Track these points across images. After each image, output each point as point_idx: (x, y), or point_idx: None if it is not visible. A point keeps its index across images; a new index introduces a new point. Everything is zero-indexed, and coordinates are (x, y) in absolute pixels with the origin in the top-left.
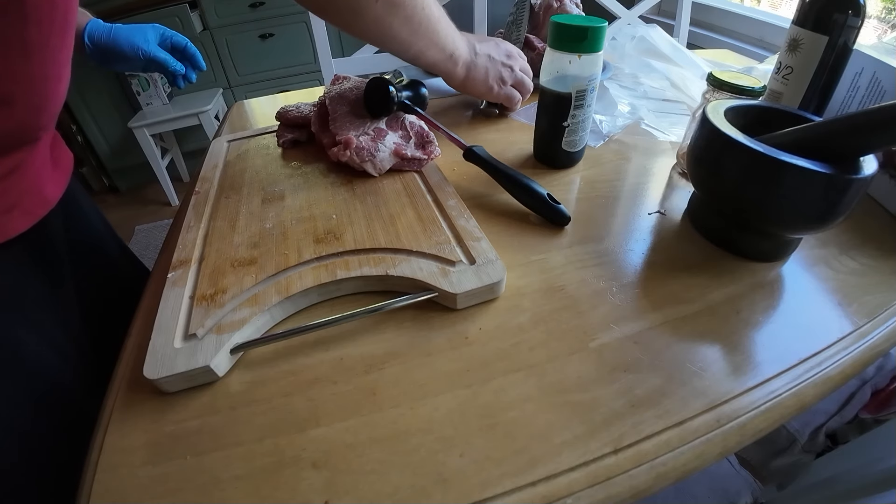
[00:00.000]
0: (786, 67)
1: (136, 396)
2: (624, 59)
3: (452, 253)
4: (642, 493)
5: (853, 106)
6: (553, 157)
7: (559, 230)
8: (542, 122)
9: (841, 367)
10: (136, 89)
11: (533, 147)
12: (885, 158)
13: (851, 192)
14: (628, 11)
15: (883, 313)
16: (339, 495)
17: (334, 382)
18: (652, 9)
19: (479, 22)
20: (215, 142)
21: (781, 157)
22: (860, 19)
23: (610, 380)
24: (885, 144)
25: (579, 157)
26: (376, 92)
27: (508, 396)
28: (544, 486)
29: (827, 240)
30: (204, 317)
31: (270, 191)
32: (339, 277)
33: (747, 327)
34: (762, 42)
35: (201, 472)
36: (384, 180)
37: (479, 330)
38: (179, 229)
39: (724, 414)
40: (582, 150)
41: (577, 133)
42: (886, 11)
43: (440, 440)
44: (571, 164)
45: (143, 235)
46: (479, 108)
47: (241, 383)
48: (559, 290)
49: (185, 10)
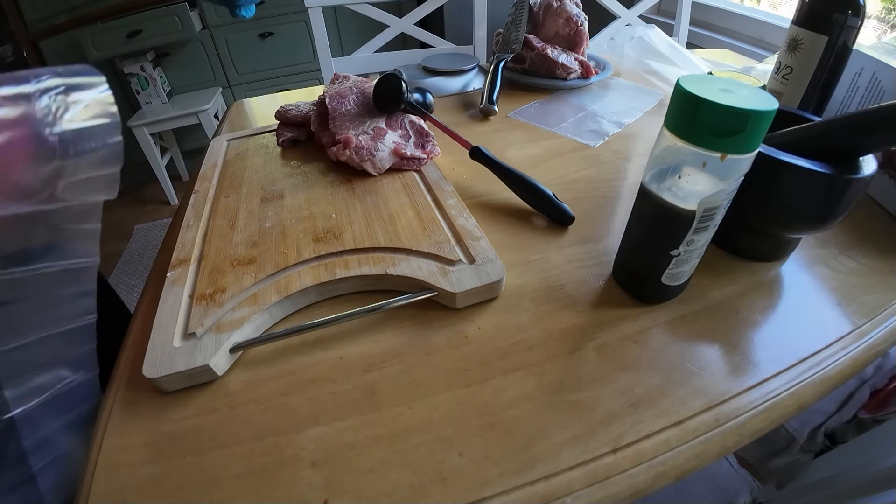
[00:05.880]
0: (785, 67)
1: (136, 395)
2: (623, 59)
3: (452, 252)
4: (641, 493)
5: (853, 106)
6: (643, 291)
7: (559, 230)
8: (635, 237)
9: (840, 367)
10: (136, 88)
11: (614, 264)
12: (884, 158)
13: (851, 192)
14: (628, 11)
15: (882, 313)
16: (339, 494)
17: (333, 382)
18: (652, 9)
19: (479, 22)
20: (215, 141)
21: (781, 156)
22: (860, 19)
23: (609, 379)
24: (884, 144)
25: (680, 291)
26: (389, 84)
27: (508, 396)
28: (543, 486)
29: (826, 240)
30: (203, 316)
31: (270, 190)
32: (339, 276)
33: (746, 327)
34: (762, 42)
35: (200, 471)
36: (383, 179)
37: (478, 329)
38: (179, 228)
39: (722, 413)
40: (687, 282)
41: (689, 262)
42: (886, 11)
43: (439, 439)
44: (665, 299)
45: (143, 234)
46: (479, 107)
47: (241, 382)
48: (558, 290)
49: (184, 8)
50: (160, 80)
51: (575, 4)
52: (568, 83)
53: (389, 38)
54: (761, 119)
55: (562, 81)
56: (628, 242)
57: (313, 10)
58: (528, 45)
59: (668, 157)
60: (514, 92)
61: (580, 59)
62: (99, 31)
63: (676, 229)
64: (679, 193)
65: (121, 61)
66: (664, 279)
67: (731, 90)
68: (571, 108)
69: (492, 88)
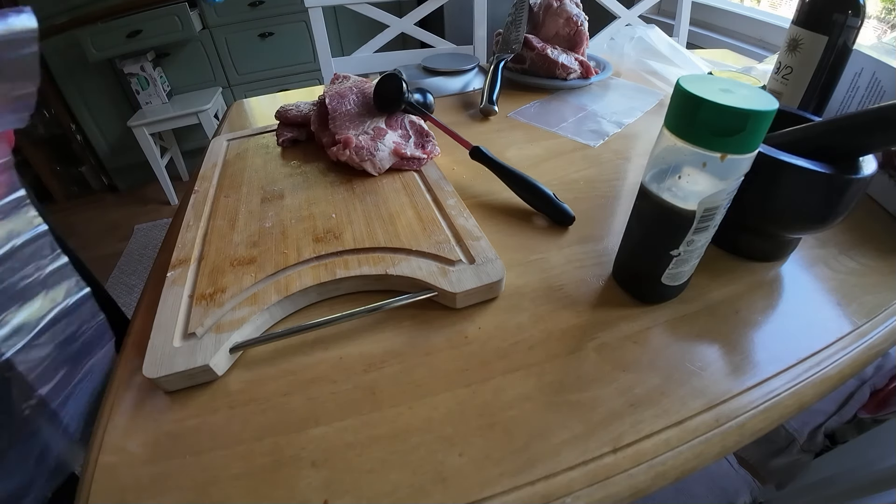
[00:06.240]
0: (785, 67)
1: (136, 395)
2: (623, 59)
3: (452, 252)
4: (641, 493)
5: (853, 106)
6: (643, 291)
7: (559, 230)
8: (635, 237)
9: (840, 367)
10: (136, 88)
11: (614, 264)
12: (884, 158)
13: (851, 192)
14: (628, 11)
15: (882, 313)
16: (339, 494)
17: (333, 381)
18: (652, 9)
19: (479, 22)
20: (215, 141)
21: (781, 156)
22: (860, 19)
23: (609, 379)
24: (884, 144)
25: (680, 291)
26: (390, 85)
27: (508, 396)
28: (543, 486)
29: (826, 240)
30: (203, 316)
31: (270, 190)
32: (339, 276)
33: (746, 327)
34: (762, 42)
35: (200, 471)
36: (383, 179)
37: (478, 329)
38: (179, 228)
39: (723, 413)
40: (686, 282)
41: (689, 262)
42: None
43: (439, 439)
44: (665, 299)
45: (143, 234)
46: (479, 107)
47: (241, 382)
48: (558, 290)
49: (184, 8)
50: (160, 80)
51: (575, 4)
52: (568, 83)
53: (389, 38)
54: (761, 119)
55: (562, 81)
56: (628, 242)
57: (313, 10)
58: (528, 45)
59: (668, 157)
60: (514, 92)
61: (580, 59)
62: (99, 31)
63: (676, 229)
64: (679, 193)
65: (121, 61)
66: (664, 279)
67: (731, 90)
68: (571, 108)
69: (492, 88)
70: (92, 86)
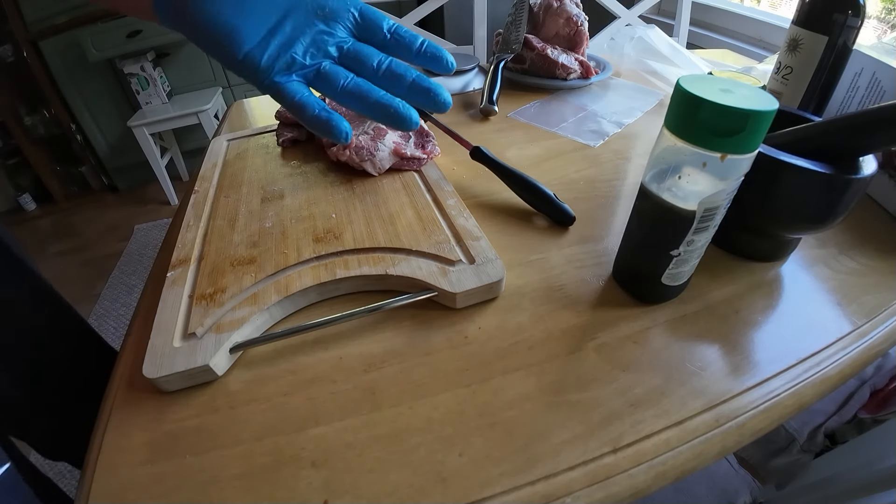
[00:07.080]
0: (785, 67)
1: (135, 395)
2: (623, 59)
3: (452, 252)
4: (641, 493)
5: (853, 106)
6: (643, 291)
7: (559, 230)
8: (635, 237)
9: (840, 367)
10: (136, 88)
11: (614, 264)
12: (884, 158)
13: (851, 192)
14: (628, 11)
15: (882, 313)
16: (339, 494)
17: (333, 381)
18: (652, 9)
19: (479, 22)
20: (215, 141)
21: (781, 156)
22: (860, 19)
23: (609, 379)
24: (884, 144)
25: (680, 291)
26: None
27: (508, 396)
28: (543, 486)
29: (826, 240)
30: (203, 316)
31: (270, 190)
32: (339, 277)
33: (746, 327)
34: (762, 42)
35: (200, 471)
36: (383, 179)
37: (478, 329)
38: (178, 228)
39: (723, 413)
40: (687, 282)
41: (689, 262)
42: (886, 11)
43: (439, 439)
44: (665, 299)
45: (143, 235)
46: (479, 107)
47: (241, 382)
48: (559, 290)
49: None
50: (160, 80)
51: (575, 4)
52: (568, 83)
53: None
54: (761, 119)
55: (562, 81)
56: (628, 242)
57: None
58: (528, 45)
59: (668, 157)
60: (514, 92)
61: (580, 59)
62: (99, 31)
63: (676, 229)
64: (679, 193)
65: (121, 61)
66: (664, 279)
67: (731, 90)
68: (571, 108)
69: (492, 88)
70: (92, 86)
